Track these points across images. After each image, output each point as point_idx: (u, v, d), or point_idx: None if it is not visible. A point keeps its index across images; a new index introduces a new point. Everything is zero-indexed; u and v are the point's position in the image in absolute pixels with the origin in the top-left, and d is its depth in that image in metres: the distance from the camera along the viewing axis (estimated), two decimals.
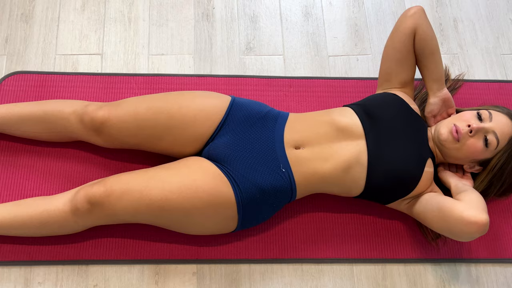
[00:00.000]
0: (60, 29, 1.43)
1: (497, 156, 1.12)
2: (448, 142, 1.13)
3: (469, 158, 1.14)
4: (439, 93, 1.21)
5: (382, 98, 1.20)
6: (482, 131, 1.11)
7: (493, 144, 1.10)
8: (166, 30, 1.46)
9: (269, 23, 1.50)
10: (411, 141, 1.14)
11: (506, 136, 1.11)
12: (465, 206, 1.02)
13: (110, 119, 1.11)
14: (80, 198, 1.05)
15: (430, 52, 1.18)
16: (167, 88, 1.37)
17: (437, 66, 1.19)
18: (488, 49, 1.52)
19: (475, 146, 1.11)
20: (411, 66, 1.22)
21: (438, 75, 1.20)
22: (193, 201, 1.03)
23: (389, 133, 1.13)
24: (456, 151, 1.13)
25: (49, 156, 1.26)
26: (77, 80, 1.36)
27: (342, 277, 1.21)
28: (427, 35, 1.18)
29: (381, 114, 1.14)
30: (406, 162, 1.11)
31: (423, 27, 1.18)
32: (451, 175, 1.19)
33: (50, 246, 1.16)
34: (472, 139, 1.11)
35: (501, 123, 1.11)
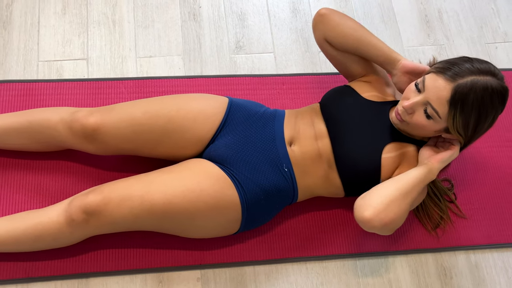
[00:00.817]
0: (41, 34, 1.38)
1: (450, 123, 1.00)
2: (398, 125, 1.08)
3: (426, 133, 1.05)
4: (394, 70, 1.12)
5: (333, 93, 1.18)
6: (416, 106, 1.01)
7: (434, 115, 0.99)
8: (152, 32, 1.42)
9: (257, 20, 1.48)
10: (364, 131, 1.10)
11: (443, 102, 0.97)
12: (358, 201, 1.02)
13: (103, 125, 1.07)
14: (74, 208, 1.00)
15: (354, 46, 1.13)
16: (158, 91, 1.34)
17: (374, 51, 1.12)
18: (473, 38, 1.54)
19: (420, 122, 1.02)
20: (353, 59, 1.18)
21: (381, 57, 1.12)
22: (197, 204, 1.01)
23: (343, 127, 1.10)
24: (411, 130, 1.07)
25: (38, 167, 1.21)
26: (63, 87, 1.31)
27: (346, 272, 1.21)
28: (339, 35, 1.13)
29: (333, 109, 1.13)
30: (361, 154, 1.08)
31: (330, 33, 1.14)
32: (422, 153, 1.09)
33: (47, 261, 1.12)
34: (414, 116, 1.02)
35: (434, 89, 0.98)
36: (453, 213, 1.28)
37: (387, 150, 1.09)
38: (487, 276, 1.25)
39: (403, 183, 1.03)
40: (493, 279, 1.24)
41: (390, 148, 1.10)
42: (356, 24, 1.16)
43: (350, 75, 1.22)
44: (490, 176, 1.35)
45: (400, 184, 1.03)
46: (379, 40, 1.14)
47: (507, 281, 1.25)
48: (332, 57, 1.21)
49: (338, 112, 1.12)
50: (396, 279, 1.22)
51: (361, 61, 1.19)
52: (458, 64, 0.99)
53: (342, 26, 1.13)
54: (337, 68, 1.25)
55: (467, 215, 1.29)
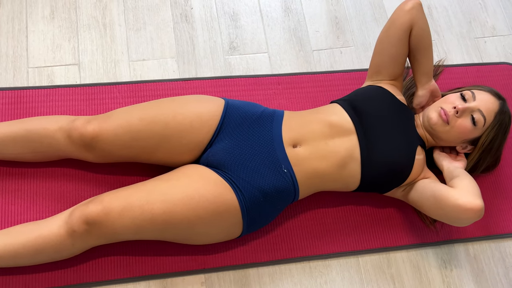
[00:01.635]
0: (30, 40, 1.34)
1: (485, 133, 1.15)
2: (438, 125, 1.15)
3: (460, 138, 1.16)
4: (427, 85, 1.22)
5: (368, 92, 1.20)
6: (467, 110, 1.13)
7: (481, 121, 1.13)
8: (144, 34, 1.40)
9: (250, 20, 1.47)
10: (399, 132, 1.15)
11: (491, 113, 1.14)
12: (459, 193, 1.04)
13: (101, 133, 1.06)
14: (75, 219, 0.99)
15: (424, 47, 1.19)
16: (153, 95, 1.32)
17: (429, 61, 1.20)
18: (462, 33, 1.57)
19: (464, 126, 1.13)
20: (403, 60, 1.23)
21: (428, 69, 1.21)
22: (197, 211, 1.01)
23: (378, 126, 1.14)
24: (447, 134, 1.16)
25: (35, 177, 1.18)
26: (55, 94, 1.28)
27: (349, 269, 1.22)
28: (424, 31, 1.17)
29: (368, 108, 1.15)
30: (397, 153, 1.12)
31: (420, 23, 1.17)
32: (444, 158, 1.21)
33: (48, 272, 1.10)
34: (460, 120, 1.14)
35: (484, 100, 1.14)
36: None
37: (418, 152, 1.16)
38: (485, 267, 1.27)
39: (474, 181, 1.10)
40: (491, 270, 1.27)
41: (419, 151, 1.17)
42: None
43: (383, 71, 1.23)
44: None
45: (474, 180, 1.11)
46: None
47: (505, 271, 1.27)
48: (393, 45, 1.19)
49: (374, 110, 1.15)
50: (398, 274, 1.23)
51: (404, 63, 1.24)
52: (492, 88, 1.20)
53: (427, 24, 1.19)
54: (377, 59, 1.23)
55: None
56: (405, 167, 1.13)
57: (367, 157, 1.11)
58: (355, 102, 1.17)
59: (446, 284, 1.24)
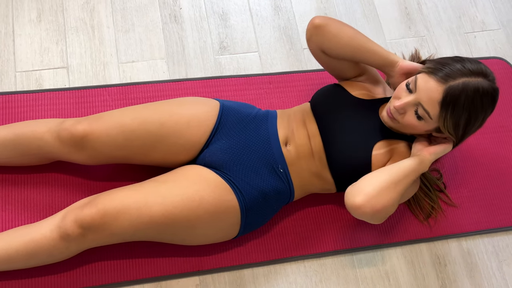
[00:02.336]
0: (17, 43, 1.32)
1: (441, 124, 1.00)
2: (390, 123, 1.07)
3: (417, 132, 1.06)
4: (392, 72, 1.11)
5: (324, 91, 1.18)
6: (407, 107, 1.01)
7: (425, 116, 1.00)
8: (133, 36, 1.39)
9: (239, 20, 1.47)
10: (355, 129, 1.10)
11: (434, 103, 0.97)
12: (349, 189, 1.01)
13: (92, 132, 1.04)
14: (69, 223, 0.97)
15: (352, 54, 1.10)
16: (143, 97, 1.31)
17: (372, 57, 1.10)
18: (452, 29, 1.57)
19: (411, 122, 1.02)
20: (349, 65, 1.16)
21: (379, 62, 1.10)
22: (197, 212, 1.00)
23: (335, 125, 1.11)
24: (403, 129, 1.06)
25: (24, 181, 1.16)
26: (44, 98, 1.27)
27: (344, 267, 1.22)
28: (337, 46, 1.10)
29: (324, 108, 1.13)
30: (352, 151, 1.08)
31: (326, 44, 1.10)
32: (415, 145, 1.09)
33: (40, 277, 1.09)
34: (405, 116, 1.02)
35: (425, 90, 0.98)
36: (443, 202, 1.31)
37: (377, 147, 1.09)
38: (479, 261, 1.28)
39: (395, 171, 1.02)
40: (485, 264, 1.28)
41: (381, 145, 1.10)
42: (352, 30, 1.12)
43: (343, 78, 1.22)
44: (478, 164, 1.38)
45: (391, 172, 1.02)
46: (375, 44, 1.12)
47: (498, 265, 1.28)
48: (326, 65, 1.19)
49: (329, 111, 1.12)
50: (392, 270, 1.24)
51: (355, 66, 1.17)
52: (449, 64, 0.98)
53: (339, 37, 1.10)
54: (330, 72, 1.22)
55: (457, 203, 1.32)
56: (363, 164, 1.08)
57: (330, 158, 1.09)
58: (315, 102, 1.16)
59: (441, 279, 1.24)
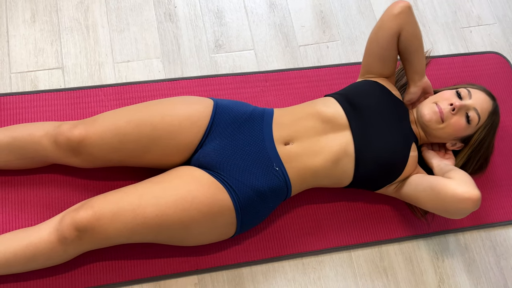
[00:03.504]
0: (11, 44, 1.32)
1: (478, 132, 1.16)
2: (432, 122, 1.15)
3: (452, 136, 1.17)
4: (419, 82, 1.21)
5: (363, 86, 1.20)
6: (463, 108, 1.14)
7: (475, 120, 1.14)
8: (128, 35, 1.38)
9: (235, 17, 1.46)
10: (395, 127, 1.15)
11: (485, 112, 1.15)
12: (457, 183, 1.05)
13: (88, 137, 1.04)
14: (66, 226, 0.98)
15: (414, 50, 1.17)
16: (139, 97, 1.31)
17: (420, 61, 1.18)
18: (448, 24, 1.57)
19: (458, 124, 1.14)
20: (394, 61, 1.21)
21: (420, 68, 1.19)
22: (191, 213, 1.00)
23: (373, 121, 1.13)
24: (441, 131, 1.16)
25: (23, 185, 1.16)
26: (39, 99, 1.26)
27: (342, 264, 1.22)
28: (412, 35, 1.15)
29: (364, 103, 1.15)
30: (392, 149, 1.12)
31: (409, 28, 1.14)
32: (433, 155, 1.22)
33: (38, 280, 1.09)
34: (455, 117, 1.14)
35: (480, 99, 1.15)
36: None
37: (412, 149, 1.16)
38: (477, 256, 1.28)
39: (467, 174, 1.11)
40: (483, 259, 1.28)
41: (414, 147, 1.17)
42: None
43: (374, 71, 1.23)
44: None
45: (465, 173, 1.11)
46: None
47: (496, 259, 1.29)
48: (379, 49, 1.18)
49: (370, 104, 1.14)
50: (390, 266, 1.24)
51: (395, 64, 1.23)
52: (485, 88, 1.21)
53: (418, 27, 1.17)
54: (367, 59, 1.23)
55: None
56: (400, 164, 1.13)
57: (362, 153, 1.11)
58: (351, 96, 1.16)
59: (439, 274, 1.25)
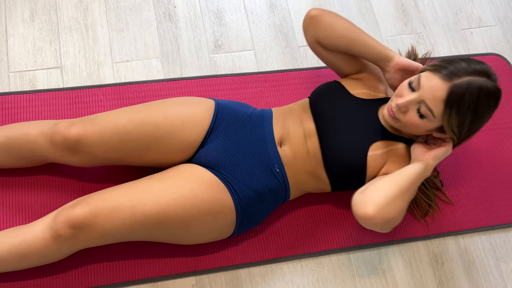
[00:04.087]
0: (10, 44, 1.31)
1: (445, 123, 0.99)
2: (391, 122, 1.05)
3: (418, 131, 1.04)
4: (388, 67, 1.11)
5: (323, 89, 1.16)
6: (410, 105, 0.99)
7: (428, 114, 0.98)
8: (127, 35, 1.38)
9: (234, 18, 1.46)
10: (351, 129, 1.09)
11: (438, 101, 0.96)
12: (357, 198, 0.99)
13: (86, 135, 1.03)
14: (60, 223, 0.96)
15: (347, 46, 1.11)
16: (138, 97, 1.30)
17: (368, 50, 1.10)
18: (448, 25, 1.56)
19: (412, 121, 1.01)
20: (344, 62, 1.17)
21: (375, 55, 1.10)
22: (192, 211, 0.99)
23: (332, 124, 1.10)
24: (404, 128, 1.05)
25: (17, 183, 1.16)
26: (38, 99, 1.26)
27: (341, 266, 1.22)
28: (331, 36, 1.11)
29: (322, 106, 1.12)
30: (347, 151, 1.07)
31: (322, 34, 1.11)
32: (414, 149, 1.08)
33: (34, 279, 1.08)
34: (407, 115, 1.01)
35: (430, 88, 0.97)
36: (440, 200, 1.30)
37: (373, 148, 1.08)
38: (476, 259, 1.28)
39: (402, 179, 1.00)
40: (482, 261, 1.27)
41: (377, 146, 1.09)
42: (348, 23, 1.13)
43: (343, 74, 1.21)
44: (475, 161, 1.38)
45: (399, 180, 1.00)
46: (372, 38, 1.12)
47: (496, 262, 1.28)
48: (324, 58, 1.19)
49: (326, 109, 1.12)
50: (389, 269, 1.23)
51: (353, 60, 1.17)
52: (454, 63, 0.98)
53: (334, 27, 1.11)
54: (329, 67, 1.23)
55: (454, 201, 1.32)
56: (358, 164, 1.07)
57: (325, 157, 1.08)
58: (314, 99, 1.14)
59: (438, 277, 1.24)
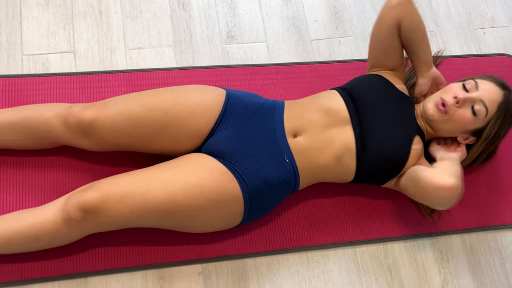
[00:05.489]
0: (24, 27, 1.32)
1: (489, 125, 1.12)
2: (435, 116, 1.13)
3: (460, 129, 1.14)
4: (427, 74, 1.20)
5: (366, 79, 1.19)
6: (469, 101, 1.10)
7: (482, 112, 1.10)
8: (141, 22, 1.38)
9: (248, 9, 1.46)
10: (396, 121, 1.14)
11: (494, 104, 1.11)
12: (435, 172, 1.04)
13: (99, 119, 1.04)
14: (72, 206, 0.97)
15: (416, 40, 1.16)
16: (150, 84, 1.31)
17: (425, 52, 1.17)
18: (461, 24, 1.56)
19: (464, 116, 1.10)
20: (399, 53, 1.21)
21: (426, 59, 1.18)
22: (200, 200, 1.00)
23: (374, 115, 1.12)
24: (446, 124, 1.13)
25: (31, 166, 1.16)
26: (50, 82, 1.26)
27: (346, 260, 1.22)
28: (413, 24, 1.14)
29: (365, 96, 1.14)
30: (393, 143, 1.11)
31: (408, 18, 1.13)
32: (437, 149, 1.19)
33: (43, 261, 1.09)
34: (460, 110, 1.11)
35: (488, 91, 1.11)
36: None
37: (415, 142, 1.14)
38: (481, 257, 1.28)
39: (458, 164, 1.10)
40: (487, 260, 1.28)
41: (417, 141, 1.15)
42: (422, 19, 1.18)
43: (380, 64, 1.22)
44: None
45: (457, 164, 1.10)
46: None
47: (501, 262, 1.28)
48: (381, 41, 1.19)
49: (371, 98, 1.13)
50: (395, 264, 1.24)
51: (401, 55, 1.22)
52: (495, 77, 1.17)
53: (419, 17, 1.15)
54: (372, 53, 1.23)
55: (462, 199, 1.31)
56: (401, 157, 1.12)
57: (362, 148, 1.10)
58: (352, 90, 1.15)
59: (443, 274, 1.24)
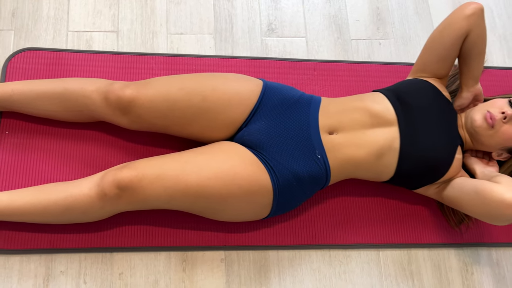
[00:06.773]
0: (71, 4, 1.35)
1: None
2: (482, 128, 1.13)
3: (500, 144, 1.15)
4: (472, 88, 1.20)
5: (415, 84, 1.18)
6: None
7: None
8: (184, 8, 1.40)
9: (290, 3, 1.46)
10: (443, 128, 1.14)
11: None
12: (505, 188, 1.01)
13: (139, 98, 1.05)
14: (108, 183, 0.99)
15: (476, 54, 1.16)
16: (188, 69, 1.32)
17: (479, 66, 1.17)
18: (505, 36, 1.53)
19: (508, 133, 1.11)
20: (452, 62, 1.20)
21: (477, 74, 1.18)
22: (231, 188, 1.00)
23: (422, 119, 1.12)
24: (489, 138, 1.14)
25: (67, 137, 1.19)
26: (92, 59, 1.29)
27: (369, 262, 1.21)
28: (480, 38, 1.14)
29: (414, 101, 1.13)
30: (438, 149, 1.11)
31: (477, 30, 1.13)
32: (476, 161, 1.20)
33: (72, 234, 1.11)
34: (505, 126, 1.11)
35: None
36: None
37: (458, 151, 1.15)
38: (507, 273, 1.25)
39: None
40: None
41: (459, 150, 1.15)
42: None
43: (428, 70, 1.21)
44: None
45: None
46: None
47: None
48: (440, 47, 1.18)
49: (419, 102, 1.13)
50: (417, 271, 1.22)
51: (452, 65, 1.21)
52: None
53: (485, 30, 1.15)
54: (425, 56, 1.21)
55: None
56: (444, 164, 1.12)
57: (407, 149, 1.10)
58: (400, 93, 1.15)
59: (466, 286, 1.22)
